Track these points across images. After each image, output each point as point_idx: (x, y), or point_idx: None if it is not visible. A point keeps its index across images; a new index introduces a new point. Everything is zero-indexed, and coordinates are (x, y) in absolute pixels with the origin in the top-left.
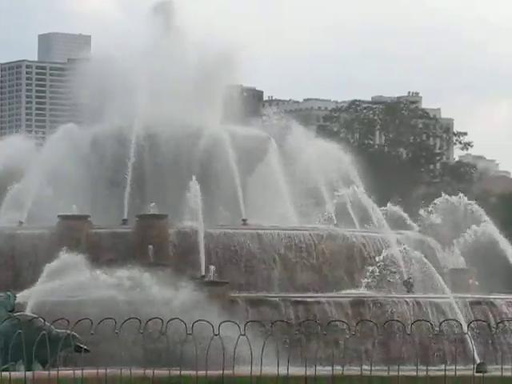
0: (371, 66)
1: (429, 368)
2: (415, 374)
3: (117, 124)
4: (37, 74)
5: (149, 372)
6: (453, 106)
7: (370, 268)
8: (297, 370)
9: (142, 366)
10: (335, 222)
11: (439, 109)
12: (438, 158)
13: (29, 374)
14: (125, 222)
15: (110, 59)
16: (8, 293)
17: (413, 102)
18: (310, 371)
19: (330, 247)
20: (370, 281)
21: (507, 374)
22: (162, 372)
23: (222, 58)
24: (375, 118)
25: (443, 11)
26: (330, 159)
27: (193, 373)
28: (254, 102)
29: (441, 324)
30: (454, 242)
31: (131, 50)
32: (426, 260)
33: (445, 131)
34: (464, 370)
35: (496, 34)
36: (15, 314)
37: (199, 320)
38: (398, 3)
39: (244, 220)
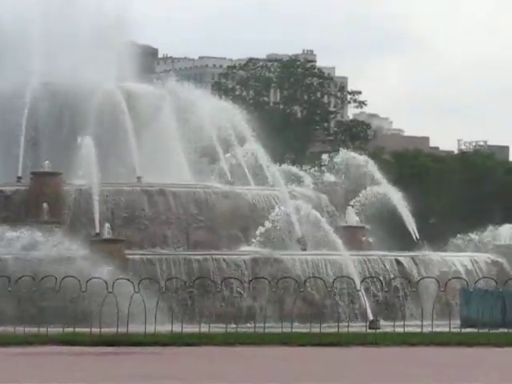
0: (266, 23)
1: (323, 325)
2: (308, 330)
3: (11, 81)
4: None
5: (43, 330)
6: (347, 64)
7: (265, 225)
8: (191, 327)
9: (37, 324)
10: (230, 179)
11: (334, 67)
12: (333, 116)
13: None
14: (19, 179)
15: (4, 19)
16: None
17: (309, 61)
18: (205, 328)
19: (225, 205)
20: (264, 238)
21: (399, 330)
22: (55, 330)
23: (115, 14)
24: (270, 75)
25: None
26: (224, 116)
27: (87, 330)
28: (149, 59)
29: (334, 281)
30: (349, 199)
31: (27, 10)
32: (319, 217)
33: (339, 90)
34: (357, 327)
35: None
36: None
37: (93, 278)
38: None
39: (139, 177)
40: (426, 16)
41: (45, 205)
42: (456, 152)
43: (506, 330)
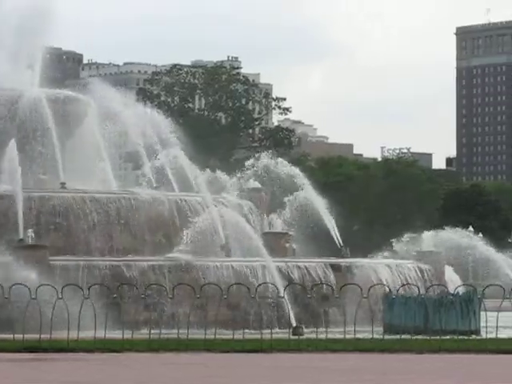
0: (190, 29)
1: (246, 331)
2: (232, 336)
3: None
4: None
5: None
6: (272, 70)
7: (189, 231)
8: (115, 334)
9: None
10: (154, 185)
11: (259, 74)
12: (257, 122)
13: None
14: None
15: None
16: None
17: (234, 68)
18: (128, 334)
19: (149, 211)
20: (188, 244)
21: (322, 336)
22: None
23: (38, 20)
24: (195, 81)
25: None
26: (149, 123)
27: (9, 336)
28: (74, 65)
29: (257, 287)
30: (274, 206)
31: None
32: (243, 223)
33: (264, 96)
34: (281, 333)
35: None
36: None
37: (16, 284)
38: None
39: (63, 183)
40: (350, 23)
41: None
42: (380, 159)
43: (428, 337)
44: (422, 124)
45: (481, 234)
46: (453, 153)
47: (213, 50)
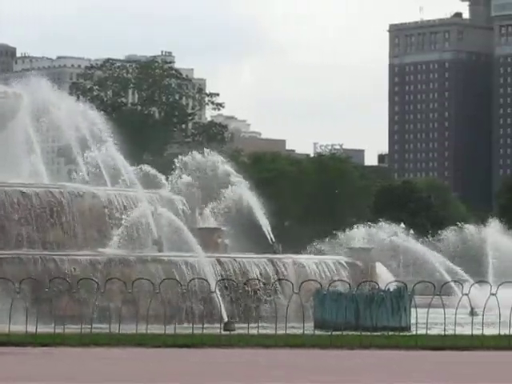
0: (125, 23)
1: (178, 326)
2: (163, 331)
3: None
4: None
5: None
6: (206, 66)
7: (121, 226)
8: (46, 328)
9: None
10: (87, 179)
11: (192, 69)
12: (191, 117)
13: None
14: None
15: None
16: None
17: (167, 62)
18: (60, 329)
19: (81, 205)
20: (120, 239)
21: (254, 331)
22: None
23: None
24: (129, 76)
25: None
26: (82, 117)
27: None
28: (7, 58)
29: (189, 282)
30: (206, 201)
31: None
32: (176, 219)
33: (197, 91)
34: (212, 329)
35: None
36: None
37: None
38: None
39: None
40: (284, 19)
41: None
42: (312, 155)
43: (358, 333)
44: (355, 121)
45: (412, 231)
46: (385, 150)
47: (146, 45)
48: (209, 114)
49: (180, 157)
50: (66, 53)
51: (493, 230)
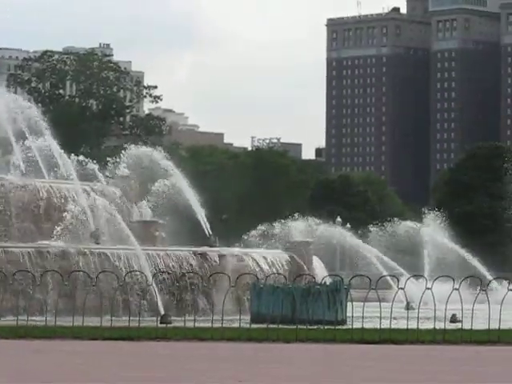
0: (63, 15)
1: (114, 319)
2: (99, 324)
3: None
4: None
5: None
6: (144, 58)
7: (59, 219)
8: None
9: None
10: (24, 171)
11: (130, 61)
12: (129, 110)
13: None
14: None
15: None
16: None
17: (105, 55)
18: None
19: (18, 197)
20: (58, 231)
21: (190, 325)
22: None
23: None
24: (66, 68)
25: None
26: (19, 109)
27: None
28: None
29: (126, 275)
30: (144, 194)
31: None
32: (113, 211)
33: (135, 84)
34: (149, 321)
35: None
36: None
37: None
38: None
39: None
40: (221, 13)
41: None
42: (250, 148)
43: (294, 326)
44: (293, 114)
45: (349, 225)
46: (322, 144)
47: (84, 37)
48: (147, 106)
49: (118, 149)
50: (3, 44)
51: (428, 225)
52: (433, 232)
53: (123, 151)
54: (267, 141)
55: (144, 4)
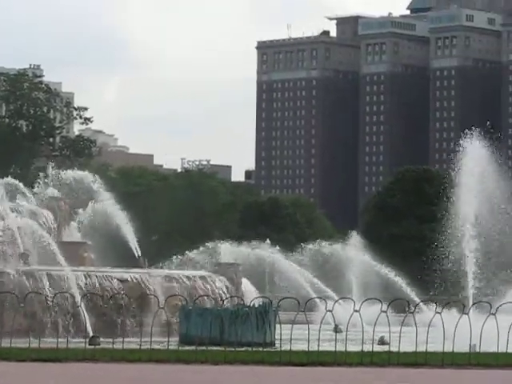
0: None
1: (43, 340)
2: (27, 345)
3: None
4: None
5: None
6: (74, 80)
7: None
8: None
9: None
10: None
11: (61, 83)
12: (59, 131)
13: None
14: None
15: None
16: None
17: (36, 76)
18: None
19: None
20: None
21: (119, 346)
22: None
23: None
24: None
25: None
26: None
27: None
28: None
29: (54, 296)
30: (73, 215)
31: None
32: (42, 232)
33: (66, 105)
34: (77, 343)
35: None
36: None
37: None
38: None
39: None
40: (152, 34)
41: None
42: (180, 170)
43: (223, 348)
44: (223, 137)
45: (278, 247)
46: (252, 166)
47: (15, 58)
48: (77, 128)
49: (48, 170)
50: None
51: (354, 247)
52: (359, 255)
53: (53, 172)
54: (197, 163)
55: (75, 26)
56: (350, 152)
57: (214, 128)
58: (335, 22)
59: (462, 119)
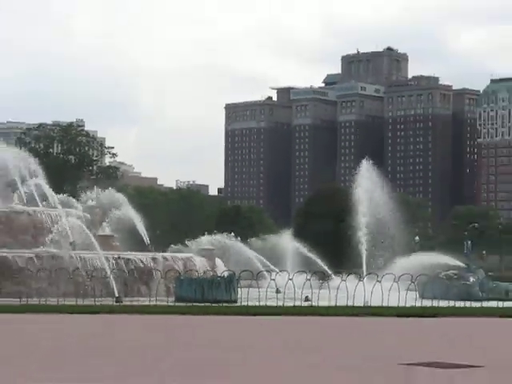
0: (51, 95)
1: (85, 299)
2: (75, 303)
3: None
4: None
5: None
6: (106, 128)
7: (49, 233)
8: None
9: None
10: (25, 202)
11: (96, 130)
12: (95, 163)
13: None
14: None
15: None
16: None
17: (80, 126)
18: None
19: (21, 219)
20: (49, 242)
21: (136, 303)
22: None
23: None
24: (54, 135)
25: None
26: (22, 160)
27: None
28: None
29: (93, 271)
30: (105, 218)
31: None
32: (85, 228)
33: (100, 145)
34: (108, 301)
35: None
36: None
37: None
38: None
39: None
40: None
41: None
42: (175, 188)
43: (203, 304)
44: (203, 165)
45: (239, 238)
46: (222, 184)
47: (66, 113)
48: (107, 160)
49: (88, 189)
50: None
51: (288, 238)
52: (291, 243)
53: (92, 190)
54: (186, 183)
55: (106, 90)
56: (286, 176)
57: (197, 159)
58: (276, 90)
59: (359, 155)
